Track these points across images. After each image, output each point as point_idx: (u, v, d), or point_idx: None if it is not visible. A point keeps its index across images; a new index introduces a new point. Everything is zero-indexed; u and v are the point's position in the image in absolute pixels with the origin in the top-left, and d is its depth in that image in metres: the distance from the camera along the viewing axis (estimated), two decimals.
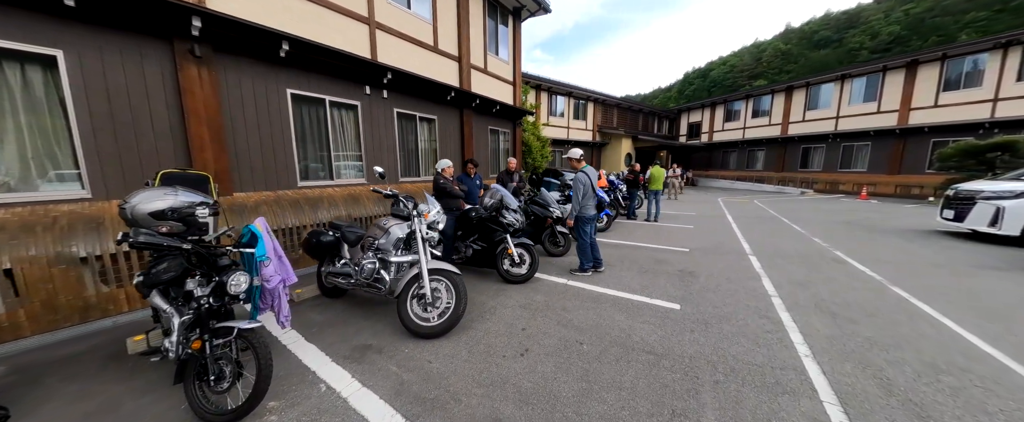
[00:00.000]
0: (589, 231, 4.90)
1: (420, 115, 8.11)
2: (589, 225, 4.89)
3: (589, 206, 4.83)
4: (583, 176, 4.76)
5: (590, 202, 4.83)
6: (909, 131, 17.39)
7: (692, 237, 7.46)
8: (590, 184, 4.79)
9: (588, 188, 4.78)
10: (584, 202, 4.81)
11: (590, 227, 4.92)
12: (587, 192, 4.78)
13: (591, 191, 4.82)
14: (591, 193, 4.82)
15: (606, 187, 10.06)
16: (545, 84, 19.78)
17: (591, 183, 4.80)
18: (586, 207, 4.82)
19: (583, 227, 4.88)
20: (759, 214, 11.16)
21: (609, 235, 7.68)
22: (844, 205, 13.97)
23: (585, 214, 4.83)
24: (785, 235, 7.69)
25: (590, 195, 4.82)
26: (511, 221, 4.52)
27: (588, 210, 4.83)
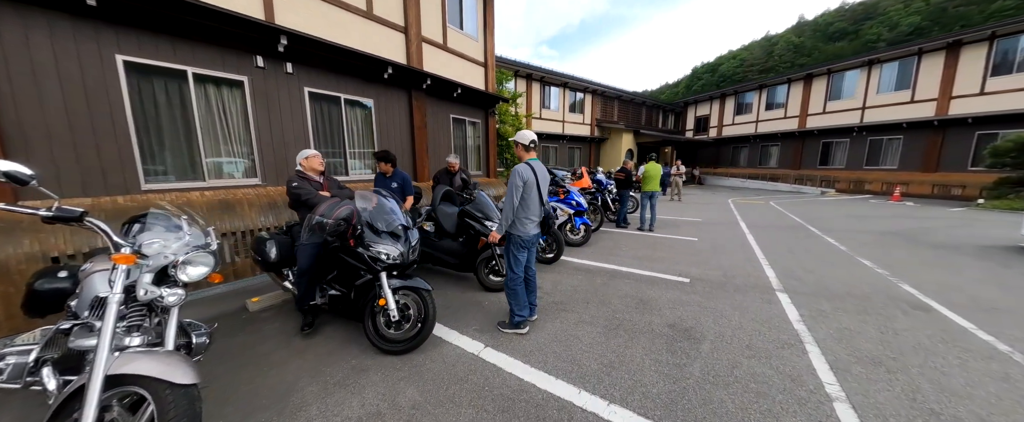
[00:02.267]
0: (524, 259, 3.03)
1: (347, 97, 6.27)
2: (525, 250, 3.03)
3: (527, 220, 2.97)
4: (524, 169, 2.89)
5: (531, 214, 2.96)
6: (949, 122, 15.00)
7: (695, 256, 5.50)
8: (533, 183, 2.92)
9: (529, 189, 2.91)
10: (519, 212, 2.96)
11: (528, 253, 3.05)
12: (528, 196, 2.92)
13: (536, 197, 2.96)
14: (535, 200, 2.96)
15: (590, 188, 8.13)
16: (537, 73, 17.81)
17: (536, 183, 2.93)
18: (522, 221, 2.96)
19: (515, 252, 3.02)
20: (778, 220, 9.09)
21: (587, 251, 5.77)
22: (876, 208, 11.77)
23: (519, 232, 2.97)
24: (819, 253, 5.68)
25: (532, 204, 2.95)
26: (385, 254, 2.64)
27: (525, 227, 2.96)
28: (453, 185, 5.09)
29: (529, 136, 2.98)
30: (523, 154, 3.03)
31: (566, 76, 19.26)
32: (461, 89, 7.97)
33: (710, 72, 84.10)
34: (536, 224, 3.01)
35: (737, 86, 24.12)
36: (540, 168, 3.00)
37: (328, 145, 6.12)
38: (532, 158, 3.02)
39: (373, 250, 2.60)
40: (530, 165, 2.94)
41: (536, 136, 3.04)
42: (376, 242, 2.63)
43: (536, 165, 2.98)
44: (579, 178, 7.93)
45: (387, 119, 6.97)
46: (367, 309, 2.74)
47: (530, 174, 2.90)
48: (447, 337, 2.97)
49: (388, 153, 4.27)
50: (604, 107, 22.22)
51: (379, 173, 4.50)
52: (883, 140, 17.00)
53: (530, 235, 2.97)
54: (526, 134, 2.98)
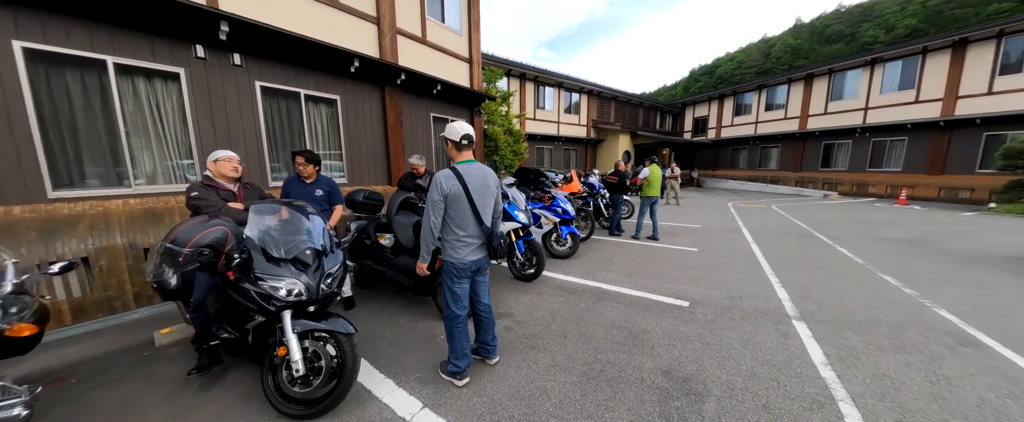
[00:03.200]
0: (463, 293, 2.33)
1: (308, 93, 5.61)
2: (462, 281, 2.32)
3: (458, 243, 2.26)
4: (446, 178, 2.20)
5: (463, 234, 2.26)
6: (956, 123, 14.37)
7: (695, 271, 4.84)
8: (461, 194, 2.21)
9: (456, 202, 2.21)
10: (445, 233, 2.28)
11: (463, 286, 2.33)
12: (456, 211, 2.23)
13: (468, 211, 2.25)
14: (467, 215, 2.25)
15: (580, 192, 7.47)
16: (531, 72, 17.16)
17: (465, 193, 2.22)
18: (452, 244, 2.27)
19: (448, 284, 2.34)
20: (783, 226, 8.44)
21: (574, 265, 5.10)
22: (884, 213, 11.13)
23: (451, 259, 2.28)
24: (834, 267, 5.02)
25: (464, 221, 2.25)
26: (283, 289, 1.97)
27: (457, 251, 2.26)
28: (416, 190, 4.42)
29: (461, 130, 2.27)
30: (454, 153, 2.34)
31: (561, 76, 18.62)
32: (441, 85, 7.31)
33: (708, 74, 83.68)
34: (476, 247, 2.30)
35: (736, 86, 23.50)
36: (477, 173, 2.30)
37: (286, 146, 5.46)
38: (466, 160, 2.32)
39: (265, 285, 1.93)
40: (457, 170, 2.24)
41: (472, 130, 2.33)
42: (270, 274, 1.96)
43: (471, 169, 2.27)
44: (568, 182, 7.28)
45: (356, 117, 6.31)
46: (266, 360, 2.08)
47: (455, 183, 2.20)
48: (378, 390, 2.30)
49: (310, 152, 3.52)
50: (600, 108, 21.58)
51: (294, 177, 3.62)
52: (887, 141, 16.37)
53: (466, 262, 2.27)
54: (457, 128, 2.29)
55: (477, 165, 2.33)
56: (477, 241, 2.29)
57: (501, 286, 4.19)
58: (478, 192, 2.26)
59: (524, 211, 4.36)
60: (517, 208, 4.32)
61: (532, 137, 17.77)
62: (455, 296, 2.30)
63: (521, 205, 4.39)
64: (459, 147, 2.30)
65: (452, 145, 2.31)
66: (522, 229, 4.40)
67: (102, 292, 3.63)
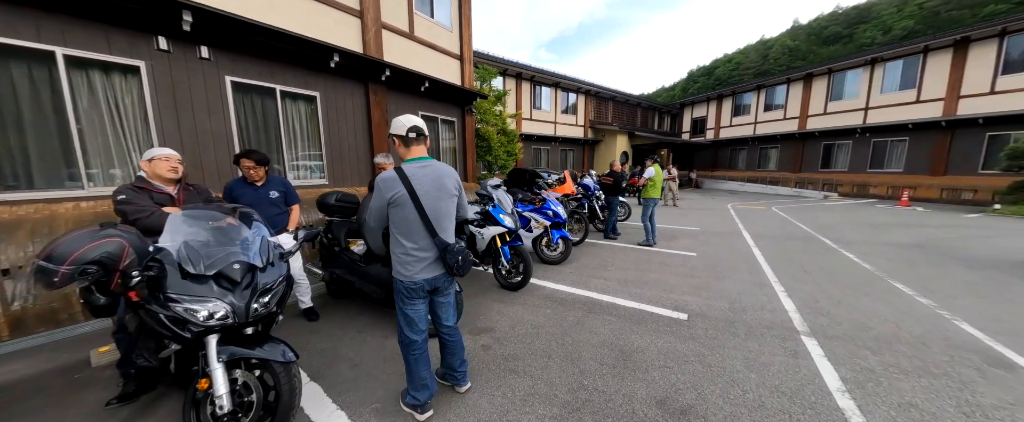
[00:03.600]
0: (417, 316, 1.99)
1: (284, 89, 5.29)
2: (417, 303, 1.98)
3: (406, 257, 1.92)
4: (388, 180, 1.88)
5: (412, 247, 1.91)
6: (958, 123, 14.08)
7: (694, 278, 4.52)
8: (406, 200, 1.87)
9: (401, 208, 1.88)
10: (393, 247, 1.96)
11: (417, 308, 1.98)
12: (401, 220, 1.90)
13: (416, 220, 1.89)
14: (415, 225, 1.90)
15: (574, 194, 7.16)
16: (527, 72, 16.86)
17: (411, 198, 1.87)
18: (400, 259, 1.94)
19: (400, 306, 2.00)
20: (785, 229, 8.13)
21: (565, 272, 4.78)
22: (886, 214, 10.83)
23: (399, 277, 1.95)
24: (842, 274, 4.70)
25: (412, 231, 1.91)
26: (201, 312, 1.63)
27: (406, 268, 1.92)
28: None
29: (406, 123, 1.92)
30: (402, 150, 1.98)
31: (558, 76, 18.32)
32: (429, 83, 6.99)
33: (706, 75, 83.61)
34: (429, 263, 1.93)
35: (734, 87, 23.21)
36: (430, 174, 1.92)
37: (260, 145, 5.13)
38: (417, 158, 1.95)
39: (178, 307, 1.60)
40: (403, 171, 1.87)
41: (421, 122, 1.97)
42: (187, 294, 1.63)
43: (421, 169, 1.90)
44: (561, 183, 6.96)
45: (338, 115, 5.98)
46: (188, 393, 1.75)
47: (399, 186, 1.84)
48: None
49: (258, 153, 3.13)
50: (598, 108, 21.28)
51: (239, 180, 3.17)
52: (887, 142, 16.09)
53: (416, 280, 1.91)
54: (403, 120, 1.94)
55: (432, 164, 1.97)
56: (430, 255, 1.94)
57: (485, 296, 3.86)
58: (430, 197, 1.90)
59: (510, 215, 4.04)
60: (502, 211, 4.00)
61: (528, 137, 17.47)
62: (408, 320, 1.97)
63: (507, 208, 4.08)
64: (407, 142, 1.94)
65: (398, 141, 1.96)
66: (508, 234, 4.08)
67: (45, 304, 3.30)
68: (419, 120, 1.98)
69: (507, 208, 4.06)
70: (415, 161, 1.94)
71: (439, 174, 1.97)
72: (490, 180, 4.28)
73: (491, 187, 4.18)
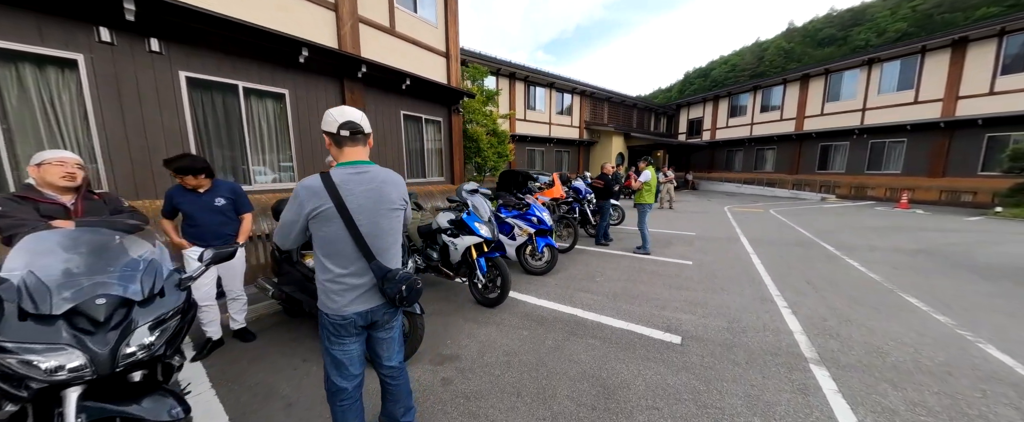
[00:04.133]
0: (349, 358, 1.56)
1: (248, 85, 4.87)
2: (346, 341, 1.55)
3: (332, 286, 1.51)
4: (311, 187, 1.46)
5: (340, 273, 1.50)
6: (957, 124, 13.81)
7: (689, 292, 4.13)
8: (332, 215, 1.45)
9: (326, 224, 1.46)
10: (317, 276, 1.55)
11: (348, 349, 1.56)
12: (325, 238, 1.49)
13: (346, 240, 1.48)
14: (345, 246, 1.49)
15: (563, 198, 6.77)
16: (521, 72, 16.47)
17: (339, 213, 1.45)
18: (324, 288, 1.52)
19: (325, 344, 1.58)
20: (783, 233, 7.77)
21: (549, 284, 4.38)
22: (887, 218, 10.51)
23: (325, 309, 1.53)
24: (848, 286, 4.33)
25: (341, 253, 1.50)
26: (49, 366, 1.22)
27: (332, 299, 1.51)
28: None
29: (339, 117, 1.50)
30: (334, 152, 1.56)
31: (553, 76, 17.94)
32: (410, 80, 6.59)
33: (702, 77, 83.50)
34: (363, 292, 1.53)
35: (731, 88, 22.92)
36: (367, 181, 1.52)
37: (222, 146, 4.72)
38: (352, 161, 1.53)
39: (11, 359, 1.19)
40: (330, 179, 1.46)
41: (359, 116, 1.54)
42: (24, 341, 1.23)
43: (355, 176, 1.50)
44: (549, 186, 6.58)
45: (310, 114, 5.57)
46: None
47: (323, 197, 1.44)
48: None
49: (194, 158, 2.73)
50: (593, 109, 20.92)
51: (178, 187, 2.73)
52: (885, 143, 15.80)
53: (346, 314, 1.51)
54: (334, 115, 1.51)
55: (371, 170, 1.56)
56: (364, 282, 1.53)
57: (457, 315, 3.46)
58: (365, 211, 1.50)
59: (487, 223, 3.65)
60: (478, 219, 3.61)
61: (523, 139, 17.08)
62: (337, 363, 1.56)
63: (484, 215, 3.68)
64: (339, 142, 1.52)
65: (329, 140, 1.54)
66: (486, 244, 3.69)
67: None
68: (355, 114, 1.55)
69: (483, 215, 3.67)
70: (349, 166, 1.53)
71: (379, 182, 1.56)
72: (466, 184, 3.88)
73: (466, 192, 3.79)
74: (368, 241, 1.51)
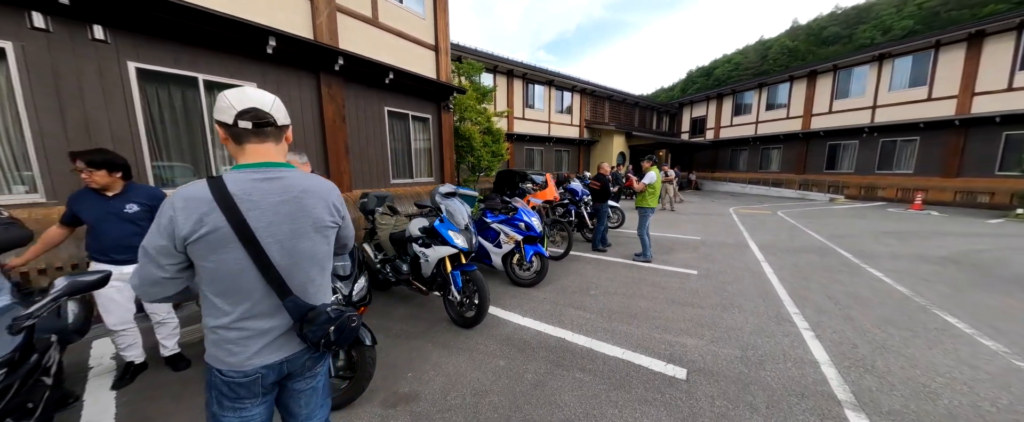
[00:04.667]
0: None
1: (208, 78, 4.42)
2: (242, 407, 1.06)
3: (225, 333, 1.02)
4: (185, 197, 0.98)
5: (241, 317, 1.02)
6: (973, 122, 13.17)
7: (695, 309, 3.64)
8: (226, 236, 0.98)
9: (216, 250, 0.98)
10: (204, 318, 1.05)
11: (249, 415, 1.07)
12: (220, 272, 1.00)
13: (248, 272, 1.02)
14: (247, 278, 1.02)
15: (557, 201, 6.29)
16: (519, 69, 15.98)
17: (235, 231, 0.98)
18: (214, 335, 1.03)
19: (218, 412, 1.06)
20: (795, 238, 7.25)
21: (535, 299, 3.90)
22: (902, 220, 9.93)
23: (214, 363, 1.04)
24: (878, 303, 3.81)
25: (234, 287, 1.01)
26: None
27: (224, 349, 1.03)
28: None
29: (238, 102, 1.03)
30: (233, 149, 1.08)
31: (552, 73, 17.45)
32: (394, 74, 6.12)
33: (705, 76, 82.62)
34: (274, 338, 1.08)
35: (735, 85, 22.28)
36: (280, 190, 1.07)
37: (180, 146, 4.28)
38: (260, 163, 1.07)
39: None
40: (221, 186, 1.00)
41: (265, 101, 1.07)
42: None
43: (264, 182, 1.05)
44: (542, 188, 6.10)
45: None
46: None
47: (210, 212, 0.98)
48: None
49: (97, 153, 2.26)
50: (594, 107, 20.39)
51: (85, 190, 2.28)
52: (897, 142, 15.17)
53: (249, 370, 1.04)
54: (230, 98, 1.03)
55: (288, 175, 1.10)
56: (275, 325, 1.08)
57: (425, 339, 2.99)
58: (276, 230, 1.05)
59: (463, 231, 3.17)
60: (452, 227, 3.13)
61: (521, 138, 16.60)
62: None
63: (459, 222, 3.21)
64: (238, 137, 1.05)
65: (223, 133, 1.07)
66: (463, 255, 3.22)
67: None
68: (262, 97, 1.07)
69: (460, 222, 3.20)
70: (252, 169, 1.06)
71: (298, 192, 1.09)
72: (441, 187, 3.40)
73: (440, 196, 3.31)
74: (282, 272, 1.05)
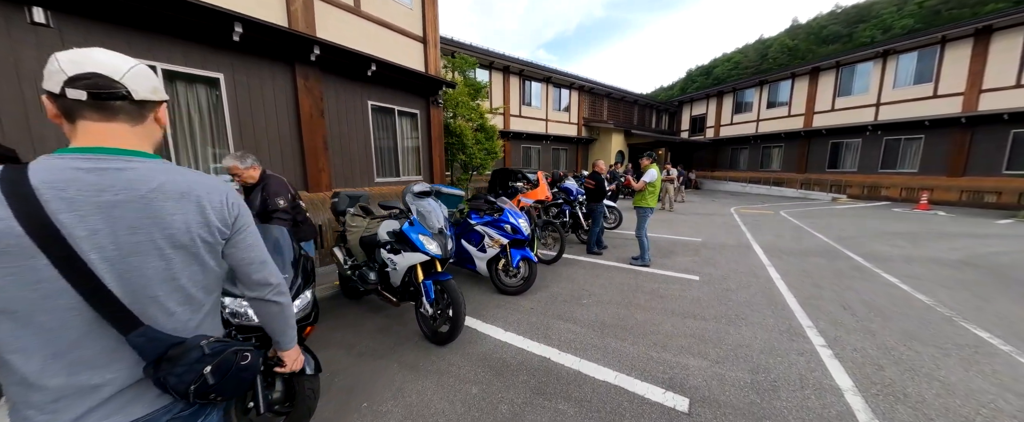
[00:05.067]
0: None
1: (169, 68, 4.05)
2: None
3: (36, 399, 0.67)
4: None
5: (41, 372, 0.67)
6: (979, 119, 12.78)
7: (697, 321, 3.28)
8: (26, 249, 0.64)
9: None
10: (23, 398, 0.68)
11: None
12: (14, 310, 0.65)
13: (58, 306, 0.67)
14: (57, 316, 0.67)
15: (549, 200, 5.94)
16: (516, 65, 15.59)
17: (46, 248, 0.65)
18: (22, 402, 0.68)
19: None
20: (802, 240, 6.89)
21: (520, 309, 3.54)
22: (909, 221, 9.58)
23: None
24: (897, 314, 3.45)
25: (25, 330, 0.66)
26: None
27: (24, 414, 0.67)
28: (253, 208, 2.80)
29: (70, 66, 0.69)
30: (67, 128, 0.73)
31: (549, 70, 17.06)
32: (377, 66, 5.74)
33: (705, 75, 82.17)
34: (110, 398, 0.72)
35: (735, 83, 21.88)
36: (118, 184, 0.72)
37: None
38: (96, 148, 0.73)
39: None
40: (21, 180, 0.66)
41: (110, 63, 0.72)
42: None
43: (93, 172, 0.70)
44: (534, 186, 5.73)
45: (252, 103, 4.74)
46: None
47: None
48: None
49: None
50: (592, 105, 20.00)
51: None
52: (901, 140, 14.80)
53: None
54: (64, 61, 0.68)
55: (135, 166, 0.76)
56: (107, 381, 0.74)
57: (391, 357, 2.62)
58: (108, 242, 0.71)
59: (437, 235, 2.80)
60: (423, 231, 2.77)
61: (517, 136, 16.22)
62: None
63: (433, 225, 2.84)
64: (70, 112, 0.72)
65: (53, 106, 0.72)
66: (437, 263, 2.86)
67: None
68: (110, 62, 0.74)
69: (433, 225, 2.83)
70: (76, 154, 0.72)
71: (145, 190, 0.75)
72: (413, 185, 3.03)
73: (412, 196, 2.95)
74: (123, 298, 0.72)
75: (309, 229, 3.08)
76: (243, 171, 2.68)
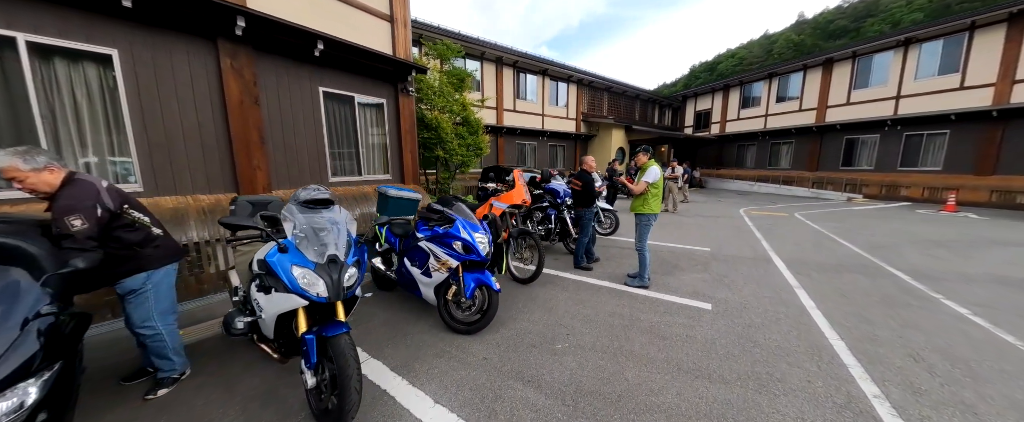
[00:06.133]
0: None
1: (35, 40, 3.12)
2: None
3: None
4: None
5: None
6: (1013, 113, 11.65)
7: (715, 385, 2.30)
8: None
9: None
10: None
11: None
12: None
13: None
14: None
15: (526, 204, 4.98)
16: (509, 56, 14.57)
17: None
18: None
19: None
20: (830, 251, 5.88)
21: (475, 348, 2.60)
22: (940, 224, 8.52)
23: None
24: (989, 368, 2.44)
25: None
26: None
27: None
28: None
29: None
30: None
31: (546, 61, 16.02)
32: (325, 44, 4.79)
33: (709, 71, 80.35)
34: None
35: (743, 76, 20.68)
36: None
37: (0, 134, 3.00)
38: None
39: None
40: None
41: None
42: None
43: None
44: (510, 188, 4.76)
45: (159, 85, 3.80)
46: None
47: None
48: None
49: None
50: (591, 99, 18.95)
51: None
52: (923, 136, 13.64)
53: None
54: None
55: None
56: None
57: None
58: None
59: (324, 266, 1.85)
60: (300, 260, 1.82)
61: (512, 131, 15.25)
62: None
63: (320, 252, 1.88)
64: None
65: None
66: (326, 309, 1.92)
67: None
68: None
69: (319, 252, 1.88)
70: None
71: None
72: (301, 190, 2.08)
73: (297, 206, 2.00)
74: None
75: (162, 252, 2.15)
76: (28, 175, 1.75)
